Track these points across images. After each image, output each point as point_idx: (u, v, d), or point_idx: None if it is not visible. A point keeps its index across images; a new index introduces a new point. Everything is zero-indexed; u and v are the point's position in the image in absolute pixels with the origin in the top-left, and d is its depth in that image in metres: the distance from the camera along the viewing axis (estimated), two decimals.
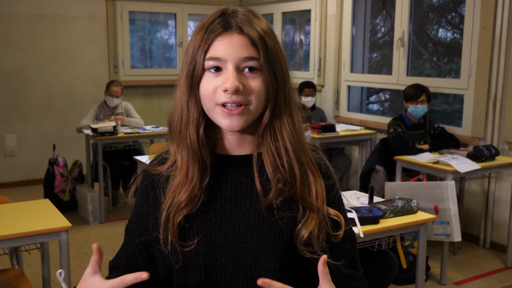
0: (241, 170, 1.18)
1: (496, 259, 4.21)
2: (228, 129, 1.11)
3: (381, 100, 6.28)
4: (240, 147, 1.18)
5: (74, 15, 6.37)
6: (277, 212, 1.14)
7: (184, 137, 1.14)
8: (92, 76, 6.55)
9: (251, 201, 1.16)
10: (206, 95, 1.10)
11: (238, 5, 5.41)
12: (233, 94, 1.07)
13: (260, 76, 1.10)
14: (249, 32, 1.09)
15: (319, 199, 1.15)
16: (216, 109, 1.10)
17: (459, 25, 4.99)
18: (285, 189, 1.14)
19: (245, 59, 1.09)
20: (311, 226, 1.13)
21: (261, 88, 1.10)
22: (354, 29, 5.83)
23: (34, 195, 5.84)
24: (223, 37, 1.10)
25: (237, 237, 1.14)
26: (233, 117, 1.09)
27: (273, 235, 1.14)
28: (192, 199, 1.13)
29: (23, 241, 2.46)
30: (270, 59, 1.10)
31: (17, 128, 6.22)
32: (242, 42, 1.09)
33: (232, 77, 1.07)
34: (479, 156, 3.89)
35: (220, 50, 1.09)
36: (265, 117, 1.13)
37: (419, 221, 2.69)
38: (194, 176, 1.13)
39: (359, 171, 5.43)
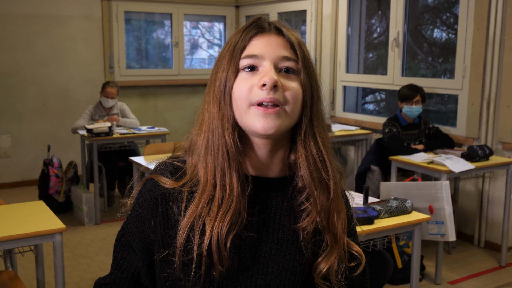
0: (266, 194, 1.09)
1: (491, 258, 4.22)
2: (262, 131, 1.01)
3: (377, 100, 6.29)
4: (269, 167, 1.10)
5: (69, 15, 6.36)
6: (302, 242, 1.08)
7: (217, 147, 1.04)
8: (87, 77, 6.53)
9: (273, 229, 1.08)
10: (240, 96, 1.03)
11: (234, 5, 5.38)
12: (271, 90, 1.00)
13: (297, 79, 1.05)
14: (287, 34, 1.07)
15: (342, 228, 1.09)
16: (250, 110, 1.02)
17: (453, 26, 5.00)
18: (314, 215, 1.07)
19: (283, 59, 1.04)
20: (331, 261, 1.07)
21: (298, 91, 1.04)
22: (349, 30, 5.83)
23: (29, 196, 5.82)
24: (260, 36, 1.06)
25: (256, 267, 1.06)
26: (269, 116, 1.00)
27: (294, 269, 1.08)
28: (238, 215, 1.03)
29: (17, 243, 2.45)
30: (306, 64, 1.06)
31: (11, 128, 6.20)
32: (280, 42, 1.06)
33: (271, 71, 1.01)
34: (473, 156, 3.90)
35: (257, 48, 1.04)
36: (304, 121, 1.06)
37: (413, 221, 2.69)
38: (233, 188, 1.02)
39: (354, 171, 5.44)
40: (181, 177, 1.08)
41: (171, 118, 7.05)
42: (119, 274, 1.15)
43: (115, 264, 1.16)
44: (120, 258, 1.15)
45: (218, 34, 7.74)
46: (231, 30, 7.46)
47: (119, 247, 1.16)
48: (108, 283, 1.16)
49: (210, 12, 7.33)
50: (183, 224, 1.04)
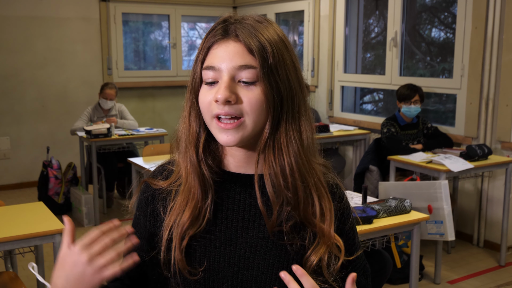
0: (250, 191, 1.10)
1: (490, 258, 4.23)
2: (224, 144, 1.04)
3: (375, 100, 6.30)
4: (247, 164, 1.11)
5: (68, 17, 6.36)
6: (286, 237, 1.07)
7: (186, 151, 1.09)
8: (85, 78, 6.53)
9: (259, 225, 1.09)
10: (203, 108, 1.05)
11: (231, 6, 5.36)
12: (224, 105, 1.00)
13: (258, 87, 1.01)
14: (245, 39, 1.02)
15: (327, 222, 1.07)
16: (213, 123, 1.04)
17: (451, 25, 5.01)
18: (294, 213, 1.07)
19: (240, 68, 1.01)
20: (320, 253, 1.06)
21: (258, 100, 1.01)
22: (347, 30, 5.84)
23: (28, 197, 5.82)
24: (218, 44, 1.04)
25: (242, 264, 1.07)
26: (228, 131, 1.02)
27: (280, 264, 1.07)
28: (195, 218, 1.06)
29: (17, 244, 2.45)
30: (273, 68, 1.01)
31: (10, 130, 6.20)
32: (237, 50, 1.02)
33: (223, 87, 1.00)
34: (472, 155, 3.91)
35: (215, 59, 1.03)
36: (265, 132, 1.04)
37: (412, 221, 2.70)
38: (196, 192, 1.06)
39: (353, 171, 5.44)
40: (167, 177, 1.13)
41: (169, 119, 7.05)
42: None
43: None
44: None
45: None
46: None
47: None
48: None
49: (207, 13, 7.34)
50: (165, 223, 1.08)
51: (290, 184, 1.04)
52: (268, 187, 1.05)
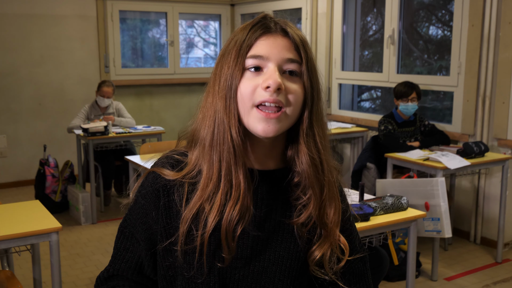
0: (267, 186, 1.13)
1: (487, 255, 4.23)
2: (263, 134, 1.04)
3: (373, 97, 6.30)
4: (267, 161, 1.14)
5: (64, 14, 6.35)
6: (297, 230, 1.12)
7: (223, 142, 1.06)
8: (83, 76, 6.52)
9: (271, 219, 1.13)
10: (245, 95, 1.05)
11: (229, 4, 5.39)
12: (274, 92, 1.03)
13: (300, 81, 1.07)
14: (293, 36, 1.08)
15: (335, 223, 1.13)
16: (253, 111, 1.05)
17: (449, 23, 5.01)
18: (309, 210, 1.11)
19: (288, 61, 1.06)
20: (324, 249, 1.12)
21: (300, 93, 1.07)
22: (344, 27, 5.84)
23: (25, 196, 5.81)
24: (266, 37, 1.07)
25: (254, 256, 1.11)
26: (270, 121, 1.04)
27: (290, 256, 1.13)
28: (246, 209, 1.07)
29: (13, 242, 2.45)
30: (310, 67, 1.08)
31: (7, 128, 6.19)
32: (285, 44, 1.07)
33: (275, 74, 1.03)
34: (469, 152, 3.91)
35: (263, 49, 1.06)
36: (304, 122, 1.09)
37: (409, 218, 2.70)
38: (240, 183, 1.06)
39: (350, 168, 5.45)
40: (181, 169, 1.12)
41: (166, 117, 7.05)
42: (123, 264, 1.18)
43: (119, 255, 1.18)
44: (123, 249, 1.18)
45: (213, 33, 7.74)
46: (227, 28, 7.47)
47: (122, 238, 1.19)
48: (113, 275, 1.19)
49: (205, 11, 7.33)
50: (185, 215, 1.08)
51: (321, 181, 1.10)
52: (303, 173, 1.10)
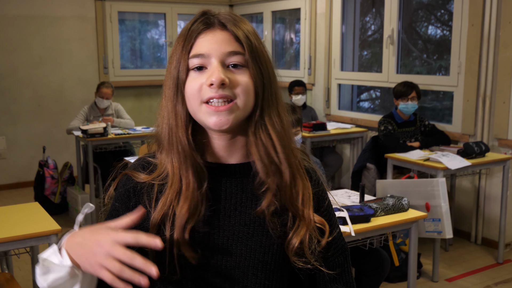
0: (231, 180, 1.13)
1: (488, 255, 4.22)
2: (216, 127, 1.06)
3: (372, 98, 6.29)
4: (230, 154, 1.14)
5: (63, 16, 6.33)
6: (268, 223, 1.11)
7: (174, 144, 1.09)
8: (81, 77, 6.51)
9: (240, 213, 1.12)
10: (191, 95, 1.07)
11: (227, 4, 5.36)
12: (219, 88, 1.03)
13: (246, 71, 1.07)
14: (232, 28, 1.07)
15: (306, 204, 1.12)
16: (202, 107, 1.06)
17: (448, 22, 5.00)
18: (277, 198, 1.10)
19: (230, 54, 1.06)
20: (301, 235, 1.10)
21: (248, 83, 1.06)
22: (344, 27, 5.83)
23: (25, 197, 5.80)
24: (205, 34, 1.08)
25: (225, 251, 1.10)
26: (220, 113, 1.04)
27: (262, 249, 1.11)
28: (194, 208, 1.07)
29: (12, 245, 2.44)
30: (255, 56, 1.08)
31: (6, 130, 6.18)
32: (225, 38, 1.07)
33: (217, 70, 1.04)
34: (470, 152, 3.90)
35: (203, 47, 1.06)
36: (256, 113, 1.09)
37: (410, 219, 2.69)
38: (190, 182, 1.08)
39: (350, 169, 5.44)
40: (152, 171, 1.14)
41: None
42: None
43: None
44: None
45: None
46: None
47: None
48: None
49: None
50: (154, 216, 1.09)
51: (276, 163, 1.09)
52: (258, 167, 1.09)
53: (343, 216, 2.49)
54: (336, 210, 2.55)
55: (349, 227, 2.44)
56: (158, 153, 1.16)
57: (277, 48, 7.05)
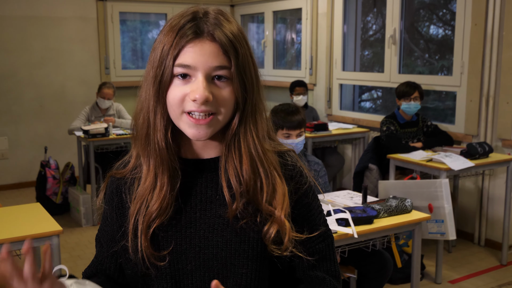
0: (206, 175, 1.16)
1: (491, 257, 4.20)
2: (194, 138, 1.09)
3: (374, 98, 6.27)
4: (207, 150, 1.17)
5: (65, 16, 6.32)
6: (240, 215, 1.11)
7: (152, 143, 1.11)
8: (83, 78, 6.50)
9: (216, 206, 1.14)
10: (173, 103, 1.07)
11: (229, 4, 5.34)
12: (202, 104, 1.05)
13: (230, 85, 1.08)
14: (220, 39, 1.06)
15: (278, 207, 1.12)
16: (183, 117, 1.08)
17: (450, 22, 4.98)
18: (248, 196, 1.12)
19: (216, 68, 1.06)
20: (275, 227, 1.11)
21: (230, 98, 1.08)
22: (345, 27, 5.81)
23: (26, 197, 5.79)
24: (194, 44, 1.06)
25: (202, 243, 1.12)
26: (200, 126, 1.07)
27: (238, 239, 1.11)
28: (164, 208, 1.11)
29: (13, 246, 2.42)
30: (241, 67, 1.08)
31: (8, 130, 6.17)
32: (213, 50, 1.06)
33: (202, 87, 1.04)
34: (473, 153, 3.88)
35: (190, 58, 1.06)
36: (233, 125, 1.11)
37: (413, 221, 2.67)
38: (164, 184, 1.11)
39: (352, 169, 5.42)
40: (126, 165, 1.20)
41: None
42: (89, 270, 1.25)
43: (91, 261, 1.27)
44: (95, 256, 1.26)
45: None
46: None
47: (96, 244, 1.27)
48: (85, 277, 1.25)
49: None
50: (130, 211, 1.14)
51: (245, 172, 1.10)
52: (230, 175, 1.11)
53: (346, 218, 2.47)
54: (338, 212, 2.54)
55: (351, 228, 2.43)
56: (133, 143, 1.18)
57: (278, 48, 7.03)
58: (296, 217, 1.16)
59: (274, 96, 6.93)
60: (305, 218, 1.18)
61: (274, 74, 6.86)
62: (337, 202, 2.81)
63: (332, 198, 2.89)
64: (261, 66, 7.15)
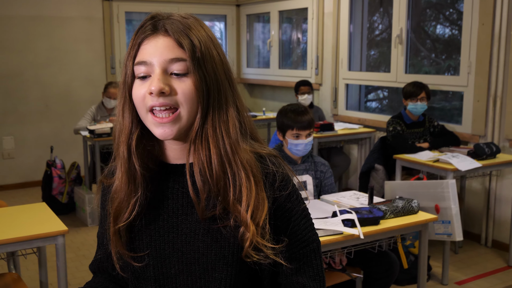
0: (182, 179, 1.15)
1: (498, 258, 4.18)
2: (161, 138, 1.08)
3: (380, 98, 6.25)
4: (181, 156, 1.16)
5: (70, 16, 6.33)
6: (219, 221, 1.11)
7: (118, 147, 1.14)
8: (89, 78, 6.51)
9: (196, 210, 1.14)
10: (137, 103, 1.09)
11: (234, 4, 5.34)
12: (159, 97, 1.04)
13: (189, 78, 1.06)
14: (174, 34, 1.07)
15: (249, 210, 1.08)
16: (148, 117, 1.08)
17: (457, 22, 4.96)
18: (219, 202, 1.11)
19: (171, 61, 1.06)
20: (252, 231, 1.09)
21: (190, 91, 1.06)
22: (351, 27, 5.79)
23: (32, 197, 5.80)
24: (149, 40, 1.08)
25: (185, 248, 1.13)
26: (165, 125, 1.07)
27: (219, 244, 1.11)
28: (118, 212, 1.14)
29: (19, 245, 2.43)
30: (200, 61, 1.06)
31: (14, 130, 6.19)
32: (167, 44, 1.07)
33: (156, 79, 1.04)
34: (480, 154, 3.86)
35: (146, 54, 1.07)
36: (196, 122, 1.08)
37: (420, 221, 2.65)
38: (121, 189, 1.14)
39: (358, 170, 5.40)
40: (113, 174, 1.21)
41: None
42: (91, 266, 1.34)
43: (95, 256, 1.33)
44: (98, 250, 1.32)
45: (219, 34, 7.71)
46: (232, 29, 7.44)
47: (97, 247, 1.33)
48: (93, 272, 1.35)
49: (210, 12, 7.30)
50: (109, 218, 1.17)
51: (214, 173, 1.08)
52: (196, 176, 1.10)
53: (352, 219, 2.46)
54: (344, 212, 2.53)
55: (357, 229, 2.41)
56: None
57: (284, 48, 7.02)
58: (278, 223, 1.15)
59: (280, 96, 6.92)
60: (288, 223, 1.16)
61: (280, 74, 6.85)
62: (343, 202, 2.80)
63: (338, 199, 2.87)
64: (266, 66, 7.15)
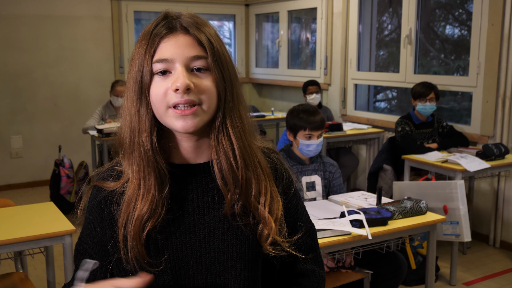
0: (200, 179, 1.16)
1: (507, 259, 4.15)
2: (182, 130, 1.08)
3: (388, 98, 6.23)
4: (198, 155, 1.16)
5: (79, 15, 6.35)
6: (239, 218, 1.13)
7: (136, 147, 1.10)
8: (97, 77, 6.53)
9: (214, 209, 1.15)
10: (157, 99, 1.08)
11: (243, 4, 5.35)
12: (184, 93, 1.05)
13: (209, 75, 1.09)
14: (194, 32, 1.08)
15: (266, 206, 1.14)
16: (168, 112, 1.07)
17: (466, 22, 4.93)
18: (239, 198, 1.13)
19: (193, 58, 1.07)
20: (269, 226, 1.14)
21: (212, 87, 1.08)
22: (360, 27, 5.77)
23: (40, 196, 5.83)
24: (168, 38, 1.08)
25: (203, 248, 1.13)
26: (186, 117, 1.07)
27: (239, 241, 1.14)
28: (154, 210, 1.10)
29: (26, 245, 2.43)
30: (218, 59, 1.09)
31: (23, 129, 6.22)
32: (188, 42, 1.08)
33: (182, 75, 1.05)
34: (489, 154, 3.84)
35: (167, 51, 1.07)
36: (218, 117, 1.11)
37: (428, 222, 2.64)
38: (151, 186, 1.10)
39: (366, 170, 5.38)
40: (119, 178, 1.16)
41: None
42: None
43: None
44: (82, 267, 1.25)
45: (228, 33, 7.71)
46: (241, 29, 7.44)
47: (78, 256, 1.22)
48: None
49: (219, 11, 7.30)
50: (119, 223, 1.12)
51: (235, 167, 1.11)
52: (220, 171, 1.12)
53: (360, 219, 2.45)
54: (352, 213, 2.52)
55: (366, 230, 2.40)
56: (121, 157, 1.17)
57: (293, 48, 7.01)
58: (287, 217, 1.21)
59: (288, 96, 6.91)
60: (296, 219, 1.25)
61: (288, 74, 6.84)
62: (351, 203, 2.79)
63: (346, 199, 2.86)
64: (275, 65, 7.14)
